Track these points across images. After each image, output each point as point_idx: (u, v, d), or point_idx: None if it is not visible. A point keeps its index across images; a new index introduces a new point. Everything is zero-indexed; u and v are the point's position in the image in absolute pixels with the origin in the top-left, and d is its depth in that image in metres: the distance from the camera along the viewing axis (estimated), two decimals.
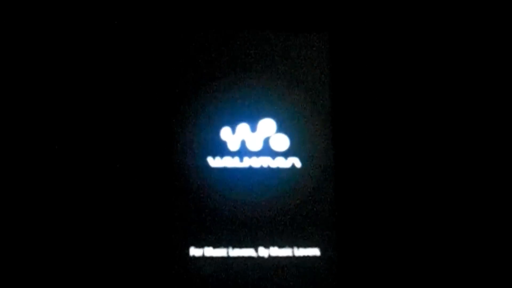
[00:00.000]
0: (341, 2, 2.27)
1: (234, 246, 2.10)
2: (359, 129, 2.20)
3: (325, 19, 2.26)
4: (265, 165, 2.15)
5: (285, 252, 2.09)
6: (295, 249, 2.10)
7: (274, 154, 2.16)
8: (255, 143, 2.16)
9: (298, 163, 2.15)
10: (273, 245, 2.10)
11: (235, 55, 2.23)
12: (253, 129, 2.18)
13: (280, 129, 2.18)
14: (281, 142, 2.17)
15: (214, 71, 2.21)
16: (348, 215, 2.13)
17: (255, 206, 2.12)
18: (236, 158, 2.15)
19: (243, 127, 2.17)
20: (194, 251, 2.09)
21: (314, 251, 2.10)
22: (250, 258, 2.09)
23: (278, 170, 2.15)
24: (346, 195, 2.14)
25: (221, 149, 2.15)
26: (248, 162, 2.15)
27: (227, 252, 2.09)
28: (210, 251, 2.09)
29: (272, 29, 2.24)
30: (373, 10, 2.28)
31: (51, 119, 2.16)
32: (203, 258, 2.08)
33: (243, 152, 2.16)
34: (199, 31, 2.23)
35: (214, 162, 2.14)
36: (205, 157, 2.15)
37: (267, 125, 2.18)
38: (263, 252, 2.09)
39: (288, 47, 2.24)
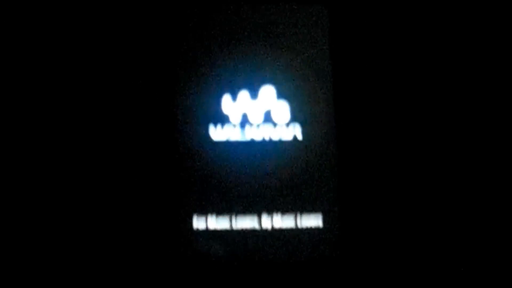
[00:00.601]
0: None
1: (237, 216, 2.12)
2: (361, 96, 2.19)
3: None
4: (266, 136, 2.14)
5: (288, 221, 2.12)
6: (298, 216, 2.13)
7: (275, 124, 2.15)
8: (257, 114, 2.14)
9: (299, 133, 2.15)
10: (276, 213, 2.13)
11: (234, 26, 2.19)
12: (254, 96, 2.14)
13: (281, 96, 2.15)
14: (283, 111, 2.15)
15: (215, 41, 2.18)
16: (350, 183, 2.15)
17: (258, 176, 2.14)
18: (238, 129, 2.14)
19: (244, 94, 2.14)
20: (198, 223, 2.11)
21: (317, 220, 2.13)
22: (253, 230, 2.12)
23: (280, 141, 2.15)
24: (348, 163, 2.16)
25: (223, 120, 2.14)
26: (250, 133, 2.14)
27: (230, 223, 2.11)
28: (213, 221, 2.11)
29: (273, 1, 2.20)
30: None
31: (56, 96, 2.15)
32: (206, 231, 2.11)
33: (244, 123, 2.14)
34: (201, 2, 2.19)
35: (216, 132, 2.13)
36: (208, 128, 2.14)
37: (268, 92, 2.15)
38: (266, 221, 2.12)
39: (288, 17, 2.21)
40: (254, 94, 2.16)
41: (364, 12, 2.21)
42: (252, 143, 2.15)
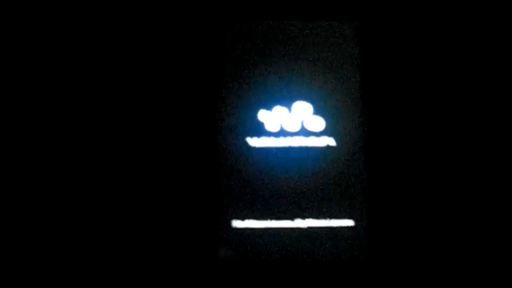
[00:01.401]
0: None
1: (273, 218, 2.28)
2: (389, 110, 2.36)
3: (354, 9, 2.45)
4: (302, 144, 2.33)
5: (321, 223, 2.27)
6: (329, 220, 2.28)
7: (309, 134, 2.34)
8: (293, 124, 2.34)
9: (332, 142, 2.33)
10: (310, 217, 2.28)
11: (270, 45, 2.42)
12: (290, 111, 2.36)
13: (315, 110, 2.36)
14: (317, 123, 2.35)
15: (252, 60, 2.41)
16: (378, 190, 2.31)
17: (293, 182, 2.31)
18: (275, 138, 2.34)
19: (280, 110, 2.36)
20: (237, 223, 2.27)
21: (347, 222, 2.28)
22: (288, 228, 2.27)
23: (314, 148, 2.33)
24: (376, 171, 2.32)
25: (261, 130, 2.35)
26: (286, 141, 2.33)
27: (268, 224, 2.27)
28: (252, 223, 2.27)
29: (305, 19, 2.44)
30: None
31: (100, 105, 2.36)
32: (245, 229, 2.27)
33: (281, 132, 2.34)
34: (239, 23, 2.44)
35: (255, 141, 2.32)
36: (247, 137, 2.33)
37: (302, 107, 2.36)
38: (300, 223, 2.27)
39: (319, 36, 2.43)
40: (289, 108, 2.37)
41: (393, 28, 2.41)
42: (287, 149, 2.34)
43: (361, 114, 2.37)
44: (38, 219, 2.26)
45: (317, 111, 2.37)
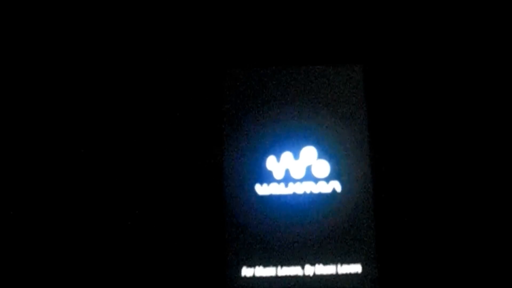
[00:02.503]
0: (374, 34, 2.45)
1: (282, 266, 2.29)
2: (396, 154, 2.35)
3: (358, 52, 2.44)
4: (308, 191, 2.33)
5: (329, 269, 2.27)
6: (338, 266, 2.28)
7: (316, 179, 2.34)
8: (298, 170, 2.35)
9: (338, 187, 2.33)
10: (318, 263, 2.28)
11: (276, 90, 2.42)
12: (296, 156, 2.36)
13: (321, 155, 2.36)
14: (323, 168, 2.35)
15: (258, 104, 2.42)
16: (388, 234, 2.30)
17: (300, 228, 2.31)
18: (282, 185, 2.34)
19: (287, 155, 2.36)
20: (246, 271, 2.28)
21: (356, 268, 2.27)
22: (296, 276, 2.28)
23: (320, 195, 2.33)
24: (385, 216, 2.31)
25: (268, 177, 2.35)
26: (293, 188, 2.34)
27: (276, 271, 2.27)
28: (260, 271, 2.28)
29: (309, 64, 2.44)
30: (405, 40, 2.44)
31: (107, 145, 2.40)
32: (254, 277, 2.28)
33: (287, 179, 2.34)
34: (245, 67, 2.45)
35: (262, 189, 2.33)
36: (253, 185, 2.34)
37: (309, 152, 2.36)
38: (309, 270, 2.27)
39: (324, 80, 2.42)
40: (296, 154, 2.37)
41: (400, 71, 2.40)
42: (294, 196, 2.34)
43: (368, 157, 2.36)
44: (43, 220, 2.31)
45: (322, 155, 2.36)
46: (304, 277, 2.28)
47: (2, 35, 2.41)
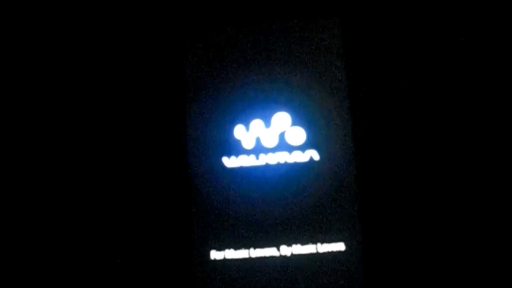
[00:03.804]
0: None
1: (255, 247, 2.04)
2: (380, 117, 2.11)
3: (335, 4, 2.17)
4: (282, 161, 2.08)
5: (308, 249, 2.03)
6: (319, 245, 2.03)
7: (290, 148, 2.09)
8: (271, 139, 2.09)
9: (316, 156, 2.08)
10: (296, 242, 2.04)
11: (244, 49, 2.16)
12: (268, 124, 2.10)
13: (296, 122, 2.10)
14: (297, 135, 2.09)
15: (223, 67, 2.15)
16: (372, 207, 2.06)
17: (274, 204, 2.07)
18: (252, 156, 2.08)
19: (257, 123, 2.11)
20: (215, 254, 2.04)
21: (339, 246, 2.03)
22: (272, 257, 2.03)
23: (296, 165, 2.08)
24: (369, 186, 2.07)
25: (236, 148, 2.09)
26: (264, 159, 2.08)
27: (249, 253, 2.03)
28: (231, 253, 2.03)
29: (281, 19, 2.16)
30: None
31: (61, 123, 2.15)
32: (224, 260, 2.03)
33: (258, 149, 2.09)
34: (207, 28, 2.18)
35: (230, 161, 2.08)
36: (220, 157, 2.09)
37: (282, 119, 2.10)
38: (285, 250, 2.03)
39: (298, 36, 2.16)
40: (267, 121, 2.11)
41: (381, 23, 2.15)
42: (266, 167, 2.08)
43: (349, 121, 2.10)
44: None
45: (296, 122, 2.10)
46: (281, 258, 2.04)
47: None
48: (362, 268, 2.02)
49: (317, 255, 2.03)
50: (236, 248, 2.05)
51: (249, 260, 2.04)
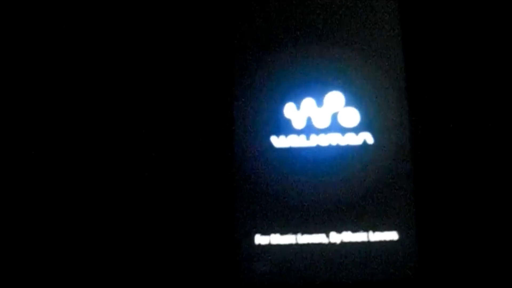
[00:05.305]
0: None
1: (303, 232, 1.92)
2: (438, 102, 1.98)
3: None
4: (334, 143, 1.96)
5: (359, 237, 1.90)
6: (370, 233, 1.91)
7: (343, 130, 1.97)
8: (323, 119, 1.97)
9: (370, 139, 1.96)
10: (346, 229, 1.92)
11: (298, 24, 2.04)
12: (320, 103, 1.98)
13: (350, 102, 1.98)
14: (351, 116, 1.97)
15: (275, 42, 2.03)
16: (429, 196, 1.93)
17: (324, 188, 1.94)
18: (302, 136, 1.97)
19: (308, 102, 1.99)
20: (260, 239, 1.92)
21: (392, 235, 1.90)
22: (320, 245, 1.91)
23: (349, 148, 1.96)
24: (425, 172, 1.94)
25: (286, 127, 1.97)
26: (316, 140, 1.96)
27: (296, 239, 1.91)
28: (277, 239, 1.91)
29: None
30: None
31: (105, 102, 2.04)
32: (270, 246, 1.91)
33: (309, 129, 1.97)
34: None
35: (278, 141, 1.96)
36: (269, 136, 1.97)
37: (335, 99, 1.98)
38: (335, 237, 1.91)
39: (356, 15, 2.04)
40: (319, 100, 1.99)
41: (439, 10, 2.04)
42: (317, 149, 1.96)
43: (406, 104, 1.98)
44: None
45: (350, 102, 1.98)
46: (329, 245, 1.91)
47: None
48: (416, 260, 1.89)
49: (368, 243, 1.91)
50: (283, 233, 1.93)
51: (296, 246, 1.92)
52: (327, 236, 1.92)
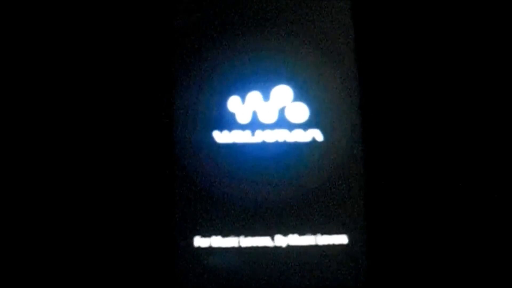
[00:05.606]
0: None
1: (246, 235, 1.81)
2: (390, 98, 1.92)
3: None
4: (281, 139, 1.86)
5: (307, 240, 1.80)
6: (318, 236, 1.81)
7: (291, 126, 1.87)
8: (269, 114, 1.86)
9: (319, 136, 1.87)
10: (293, 232, 1.82)
11: (244, 12, 1.94)
12: (266, 97, 1.88)
13: (298, 97, 1.88)
14: (299, 112, 1.87)
15: (219, 32, 1.93)
16: (379, 197, 1.86)
17: (270, 188, 1.85)
18: (247, 132, 1.86)
19: (254, 96, 1.89)
20: (200, 241, 1.79)
21: (341, 238, 1.80)
22: (264, 248, 1.81)
23: (297, 145, 1.86)
24: (376, 173, 1.87)
25: (229, 122, 1.87)
26: (261, 136, 1.86)
27: (238, 242, 1.79)
28: (218, 241, 1.79)
29: None
30: None
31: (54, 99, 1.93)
32: (210, 249, 1.79)
33: (254, 124, 1.86)
34: None
35: (221, 136, 1.85)
36: (211, 131, 1.86)
37: (283, 93, 1.88)
38: (280, 241, 1.80)
39: (307, 6, 1.95)
40: (266, 94, 1.89)
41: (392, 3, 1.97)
42: (263, 145, 1.85)
43: (357, 99, 1.90)
44: None
45: (298, 97, 1.88)
46: (274, 249, 1.81)
47: None
48: (366, 264, 1.80)
49: (316, 247, 1.83)
50: (224, 235, 1.83)
51: (238, 249, 1.82)
52: (272, 239, 1.83)
